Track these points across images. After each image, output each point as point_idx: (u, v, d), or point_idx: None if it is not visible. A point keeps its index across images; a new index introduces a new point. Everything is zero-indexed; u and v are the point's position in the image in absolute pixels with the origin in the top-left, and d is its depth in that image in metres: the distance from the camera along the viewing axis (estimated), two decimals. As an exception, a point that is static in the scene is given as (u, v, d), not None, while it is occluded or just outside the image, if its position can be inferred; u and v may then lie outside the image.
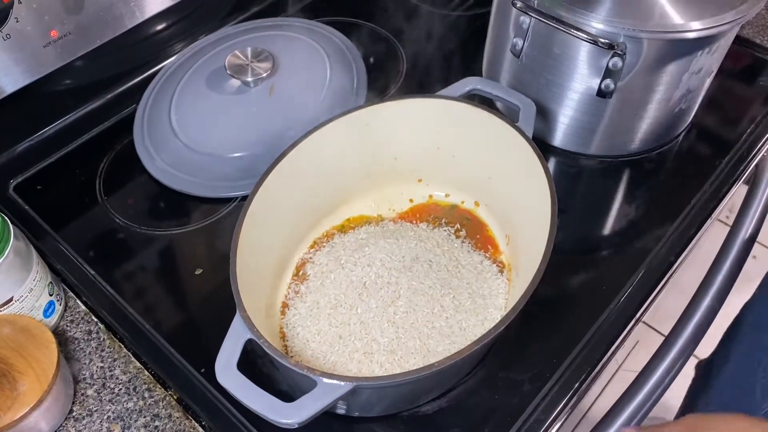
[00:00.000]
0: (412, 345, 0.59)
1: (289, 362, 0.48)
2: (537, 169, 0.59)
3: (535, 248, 0.56)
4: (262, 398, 0.47)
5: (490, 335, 0.49)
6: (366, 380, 0.48)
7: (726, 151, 0.79)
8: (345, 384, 0.47)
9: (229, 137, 0.78)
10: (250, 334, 0.50)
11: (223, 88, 0.81)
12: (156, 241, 0.73)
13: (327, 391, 0.47)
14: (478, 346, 0.49)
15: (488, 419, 0.59)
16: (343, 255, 0.66)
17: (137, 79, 0.89)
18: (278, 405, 0.46)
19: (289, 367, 0.48)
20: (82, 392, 0.62)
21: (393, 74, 0.89)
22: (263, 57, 0.80)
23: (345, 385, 0.47)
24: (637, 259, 0.69)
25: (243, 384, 0.48)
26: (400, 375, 0.49)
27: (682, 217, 0.73)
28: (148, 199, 0.77)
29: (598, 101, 0.72)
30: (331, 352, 0.60)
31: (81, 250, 0.71)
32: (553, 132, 0.79)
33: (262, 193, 0.61)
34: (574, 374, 0.61)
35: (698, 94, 0.76)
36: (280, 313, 0.64)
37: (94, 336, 0.65)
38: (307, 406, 0.46)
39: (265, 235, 0.62)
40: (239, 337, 0.50)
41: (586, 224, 0.75)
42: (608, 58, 0.67)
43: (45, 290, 0.63)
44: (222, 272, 0.69)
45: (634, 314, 0.66)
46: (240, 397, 0.47)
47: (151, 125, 0.81)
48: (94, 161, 0.80)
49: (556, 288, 0.67)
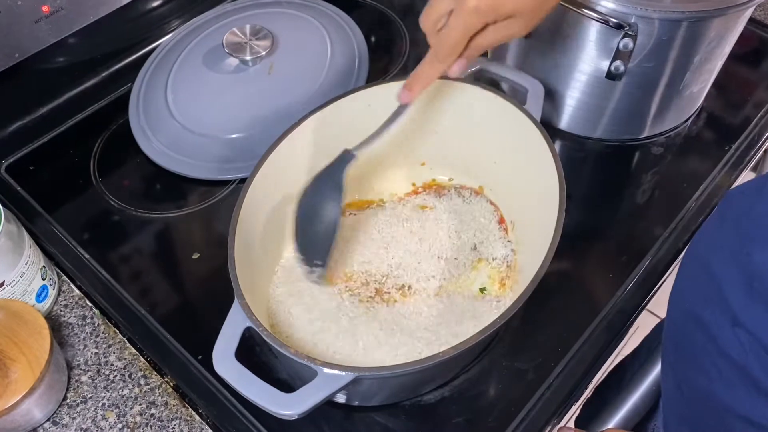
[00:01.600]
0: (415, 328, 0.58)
1: (290, 351, 0.47)
2: (545, 154, 0.57)
3: (541, 236, 0.55)
4: (261, 389, 0.46)
5: (496, 324, 0.48)
6: (368, 370, 0.47)
7: (736, 136, 0.78)
8: (346, 374, 0.46)
9: (227, 117, 0.76)
10: (249, 322, 0.49)
11: (220, 66, 0.79)
12: (152, 224, 0.71)
13: (328, 381, 0.46)
14: (484, 335, 0.47)
15: (492, 409, 0.58)
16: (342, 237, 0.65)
17: (133, 57, 0.86)
18: (278, 396, 0.45)
19: (290, 356, 0.47)
20: (76, 379, 0.60)
21: (395, 54, 0.87)
22: (262, 35, 0.78)
23: (346, 375, 0.46)
24: (645, 247, 0.68)
25: (241, 374, 0.46)
26: (402, 365, 0.47)
27: (691, 202, 0.71)
28: (143, 181, 0.75)
29: (607, 83, 0.70)
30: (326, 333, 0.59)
31: (75, 233, 0.70)
32: (559, 114, 0.77)
33: (261, 177, 0.59)
34: (580, 364, 0.60)
35: (710, 76, 0.74)
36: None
37: (88, 321, 0.64)
38: (308, 397, 0.45)
39: (264, 220, 0.61)
40: (238, 325, 0.49)
41: (592, 210, 0.73)
42: (619, 39, 0.65)
43: (38, 274, 0.61)
44: (220, 256, 0.67)
45: (640, 303, 0.64)
46: (238, 388, 0.46)
47: (147, 105, 0.79)
48: (88, 141, 0.78)
49: (561, 275, 0.65)
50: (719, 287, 0.47)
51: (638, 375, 0.68)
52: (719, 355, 0.47)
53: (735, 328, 0.45)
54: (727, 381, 0.47)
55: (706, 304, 0.49)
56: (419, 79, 0.56)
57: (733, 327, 0.46)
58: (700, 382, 0.49)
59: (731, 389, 0.46)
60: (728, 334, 0.46)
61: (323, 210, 0.59)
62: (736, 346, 0.45)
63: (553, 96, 0.75)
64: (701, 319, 0.49)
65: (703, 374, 0.49)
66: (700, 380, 0.49)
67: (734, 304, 0.46)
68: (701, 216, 0.70)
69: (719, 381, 0.47)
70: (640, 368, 0.68)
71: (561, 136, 0.79)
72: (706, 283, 0.49)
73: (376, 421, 0.58)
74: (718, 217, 0.52)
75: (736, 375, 0.46)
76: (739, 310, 0.45)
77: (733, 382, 0.46)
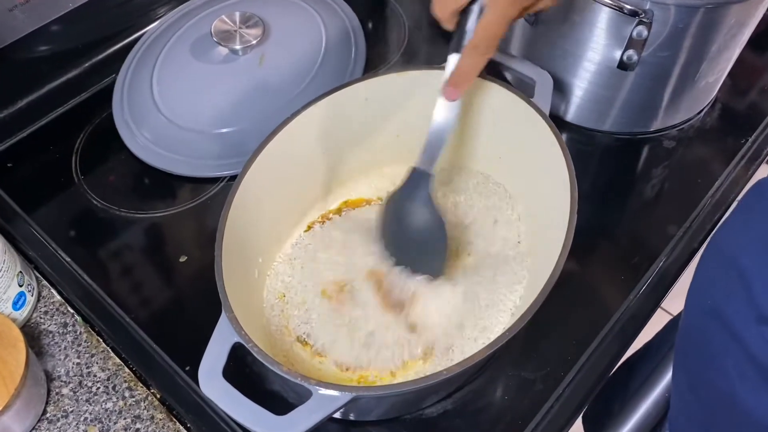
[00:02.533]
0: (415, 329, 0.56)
1: (282, 370, 0.44)
2: (554, 150, 0.54)
3: (550, 237, 0.51)
4: (250, 411, 0.42)
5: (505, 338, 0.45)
6: (366, 390, 0.44)
7: (753, 128, 0.74)
8: (342, 395, 0.42)
9: (215, 111, 0.72)
10: (238, 338, 0.45)
11: (209, 56, 0.75)
12: (137, 225, 0.68)
13: (323, 402, 0.42)
14: (492, 350, 0.44)
15: (497, 422, 0.55)
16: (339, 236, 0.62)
17: (117, 47, 0.83)
18: (269, 419, 0.42)
19: (282, 375, 0.43)
20: (56, 391, 0.57)
21: (394, 44, 0.83)
22: (253, 23, 0.74)
23: (342, 396, 0.42)
24: (658, 247, 0.64)
25: (229, 394, 0.43)
26: (403, 384, 0.44)
27: (706, 199, 0.68)
28: (128, 179, 0.72)
29: (618, 74, 0.67)
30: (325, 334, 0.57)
31: (55, 235, 0.67)
32: (567, 106, 0.73)
33: (252, 175, 0.56)
34: (590, 373, 0.57)
35: (726, 66, 0.71)
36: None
37: (69, 329, 0.60)
38: (301, 421, 0.42)
39: (255, 222, 0.57)
40: (225, 341, 0.46)
41: (601, 207, 0.69)
42: (632, 27, 0.61)
43: (14, 280, 0.58)
44: (208, 259, 0.63)
45: (654, 307, 0.61)
46: (226, 410, 0.43)
47: (131, 98, 0.75)
48: (69, 137, 0.75)
49: (569, 277, 0.61)
50: (747, 282, 0.44)
51: (650, 379, 0.65)
52: (742, 355, 0.44)
53: (761, 325, 0.42)
54: (749, 382, 0.44)
55: (729, 301, 0.46)
56: (464, 74, 0.53)
57: (759, 324, 0.43)
58: (719, 384, 0.47)
59: (754, 391, 0.44)
60: (753, 332, 0.43)
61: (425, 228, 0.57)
62: (762, 344, 0.43)
63: (560, 87, 0.71)
64: (723, 316, 0.46)
65: (723, 375, 0.46)
66: (720, 382, 0.46)
67: (762, 301, 0.43)
68: (717, 214, 0.67)
69: (741, 383, 0.44)
70: (652, 371, 0.65)
71: (568, 129, 0.75)
72: (730, 279, 0.46)
73: (374, 437, 0.54)
74: (746, 209, 0.48)
75: (760, 376, 0.43)
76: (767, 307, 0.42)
77: (757, 383, 0.43)
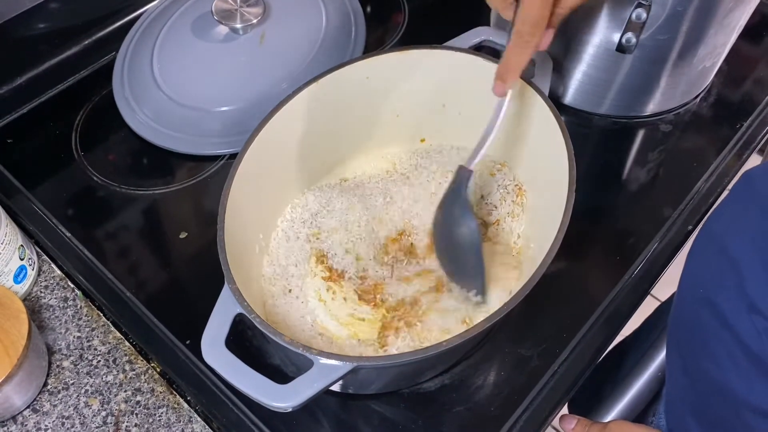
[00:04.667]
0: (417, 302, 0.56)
1: (284, 340, 0.44)
2: (554, 132, 0.54)
3: (547, 219, 0.52)
4: (253, 380, 0.43)
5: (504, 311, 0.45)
6: (367, 360, 0.44)
7: (747, 114, 0.75)
8: (344, 364, 0.43)
9: (216, 89, 0.73)
10: (240, 308, 0.46)
11: (209, 35, 0.75)
12: (137, 201, 0.68)
13: (324, 372, 0.43)
14: (490, 323, 0.45)
15: (494, 397, 0.56)
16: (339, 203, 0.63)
17: (117, 24, 0.82)
18: (271, 387, 0.42)
19: (284, 345, 0.44)
20: (57, 364, 0.57)
21: (392, 24, 0.83)
22: (254, 1, 0.74)
23: (344, 365, 0.43)
24: (652, 229, 0.65)
25: (232, 363, 0.44)
26: (403, 355, 0.45)
27: (701, 183, 0.69)
28: (128, 156, 0.72)
29: (616, 56, 0.67)
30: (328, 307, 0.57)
31: (56, 210, 0.67)
32: (565, 89, 0.74)
33: (252, 153, 0.56)
34: (586, 350, 0.58)
35: (723, 51, 0.71)
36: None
37: (70, 303, 0.61)
38: (303, 389, 0.42)
39: (256, 199, 0.57)
40: (228, 312, 0.46)
41: (597, 189, 0.70)
42: (632, 9, 0.61)
43: (15, 254, 0.58)
44: (208, 235, 0.65)
45: (648, 287, 0.62)
46: (229, 378, 0.43)
47: (131, 75, 0.75)
48: (70, 113, 0.75)
49: (566, 258, 0.62)
50: (738, 271, 0.45)
51: (642, 362, 0.66)
52: (734, 343, 0.45)
53: (752, 314, 0.43)
54: (741, 370, 0.45)
55: (720, 289, 0.46)
56: (511, 67, 0.53)
57: (749, 313, 0.43)
58: (711, 370, 0.47)
59: (746, 379, 0.44)
60: (744, 321, 0.44)
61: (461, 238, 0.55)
62: (753, 333, 0.43)
63: (558, 69, 0.71)
64: (715, 304, 0.46)
65: (715, 362, 0.46)
66: (712, 368, 0.47)
67: (752, 290, 0.43)
68: (711, 197, 0.68)
69: (733, 370, 0.45)
70: (643, 355, 0.66)
71: (565, 112, 0.75)
72: (722, 267, 0.47)
73: (373, 410, 0.55)
74: (739, 198, 0.49)
75: (751, 364, 0.44)
76: (757, 296, 0.43)
77: (748, 371, 0.44)
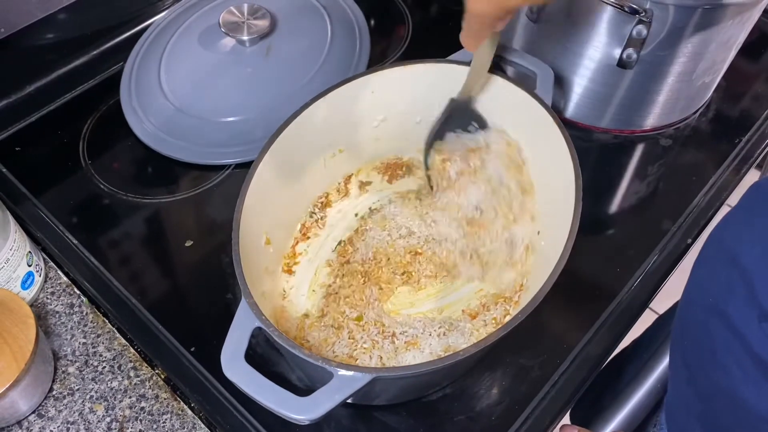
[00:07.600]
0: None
1: (303, 353, 0.44)
2: (558, 143, 0.55)
3: (553, 232, 0.52)
4: (274, 393, 0.43)
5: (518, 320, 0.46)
6: (386, 371, 0.44)
7: (746, 129, 0.76)
8: (363, 375, 0.43)
9: (222, 100, 0.73)
10: (259, 322, 0.46)
11: (216, 46, 0.76)
12: (143, 210, 0.69)
13: (344, 383, 0.43)
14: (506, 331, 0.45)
15: (495, 407, 0.56)
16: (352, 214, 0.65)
17: (125, 35, 0.83)
18: (292, 400, 0.42)
19: (303, 358, 0.44)
20: (63, 370, 0.58)
21: (396, 38, 0.84)
22: (260, 14, 0.75)
23: (363, 376, 0.43)
24: (652, 242, 0.66)
25: (253, 377, 0.43)
26: (422, 365, 0.44)
27: (700, 197, 0.69)
28: (135, 164, 0.72)
29: (617, 71, 0.68)
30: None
31: (63, 217, 0.67)
32: (565, 103, 0.75)
33: (266, 162, 0.56)
34: (586, 361, 0.58)
35: (722, 67, 0.72)
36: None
37: (76, 310, 0.61)
38: (323, 401, 0.42)
39: (271, 209, 0.58)
40: (246, 326, 0.46)
41: (598, 203, 0.71)
42: (632, 26, 0.62)
43: (23, 260, 0.59)
44: (213, 244, 0.66)
45: (648, 299, 0.63)
46: (250, 392, 0.43)
47: (139, 85, 0.76)
48: (77, 122, 0.75)
49: (567, 270, 0.63)
50: (748, 281, 0.45)
51: (642, 372, 0.66)
52: (744, 352, 0.45)
53: (763, 323, 0.43)
54: (751, 380, 0.45)
55: (730, 298, 0.46)
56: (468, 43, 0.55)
57: (760, 322, 0.44)
58: (719, 379, 0.47)
59: (756, 388, 0.44)
60: (755, 330, 0.44)
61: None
62: (764, 342, 0.43)
63: (560, 83, 0.72)
64: (725, 314, 0.46)
65: (724, 372, 0.47)
66: (720, 378, 0.47)
67: (764, 299, 0.43)
68: (710, 211, 0.69)
69: (742, 379, 0.45)
70: (643, 365, 0.67)
71: (566, 126, 0.75)
72: (732, 276, 0.47)
73: (376, 419, 0.56)
74: (747, 209, 0.49)
75: (761, 373, 0.44)
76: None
77: (758, 380, 0.44)
